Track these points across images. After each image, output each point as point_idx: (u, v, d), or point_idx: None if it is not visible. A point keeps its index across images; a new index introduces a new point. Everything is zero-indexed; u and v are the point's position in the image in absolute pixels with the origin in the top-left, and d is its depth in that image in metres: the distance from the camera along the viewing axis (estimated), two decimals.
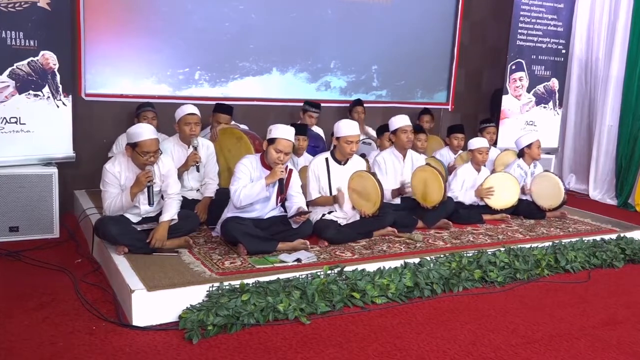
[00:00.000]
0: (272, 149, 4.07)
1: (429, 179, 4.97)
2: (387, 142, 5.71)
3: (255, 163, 4.19)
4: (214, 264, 3.83)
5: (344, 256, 4.18)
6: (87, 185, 5.65)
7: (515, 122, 7.54)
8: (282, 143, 4.06)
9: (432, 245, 4.61)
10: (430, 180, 4.97)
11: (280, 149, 4.06)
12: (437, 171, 4.96)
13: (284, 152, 4.07)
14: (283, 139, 4.06)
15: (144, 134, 3.89)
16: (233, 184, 4.11)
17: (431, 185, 4.96)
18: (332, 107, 6.83)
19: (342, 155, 4.61)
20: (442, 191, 4.89)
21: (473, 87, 8.02)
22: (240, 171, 4.14)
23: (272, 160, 4.11)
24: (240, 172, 4.13)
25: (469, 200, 5.50)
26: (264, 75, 6.56)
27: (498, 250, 4.50)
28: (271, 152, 4.08)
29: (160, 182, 4.08)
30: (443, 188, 4.89)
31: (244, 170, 4.14)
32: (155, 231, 3.95)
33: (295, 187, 4.31)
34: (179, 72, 6.15)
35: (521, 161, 5.89)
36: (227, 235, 4.16)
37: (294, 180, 4.29)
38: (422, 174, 5.03)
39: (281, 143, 4.06)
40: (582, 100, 8.15)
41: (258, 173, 4.18)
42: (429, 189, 4.99)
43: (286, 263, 3.90)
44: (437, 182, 4.91)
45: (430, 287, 3.93)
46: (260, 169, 4.19)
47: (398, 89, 7.50)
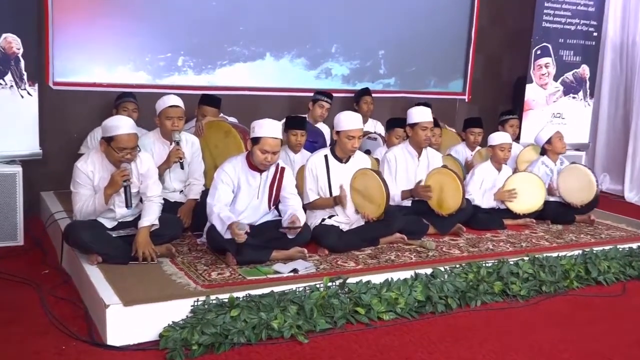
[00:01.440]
0: (258, 150, 4.07)
1: (446, 184, 4.97)
2: (396, 139, 5.72)
3: (240, 165, 4.18)
4: (199, 275, 3.83)
5: (346, 266, 4.18)
6: (55, 186, 5.66)
7: (541, 115, 7.55)
8: (268, 142, 4.04)
9: (447, 254, 4.61)
10: (447, 184, 4.97)
11: (267, 149, 4.05)
12: (456, 175, 4.97)
13: (270, 152, 4.07)
14: (268, 137, 4.05)
15: (120, 128, 3.89)
16: (212, 195, 4.10)
17: (448, 191, 4.97)
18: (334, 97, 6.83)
19: (343, 152, 4.62)
20: (459, 197, 4.90)
21: (493, 75, 8.03)
22: (221, 181, 4.11)
23: (259, 162, 4.11)
24: (221, 182, 4.11)
25: (488, 204, 5.52)
26: (256, 62, 6.57)
27: (521, 259, 4.50)
28: (257, 154, 4.08)
29: (138, 183, 4.08)
30: (461, 194, 4.89)
31: (225, 179, 4.12)
32: (136, 239, 3.96)
33: (290, 187, 4.31)
34: (160, 58, 6.15)
35: (546, 158, 5.90)
36: (214, 243, 4.15)
37: (287, 180, 4.29)
38: (438, 177, 5.04)
39: (267, 143, 4.04)
40: (617, 89, 8.17)
41: (245, 177, 4.18)
42: (445, 195, 4.99)
43: (281, 274, 3.91)
44: (455, 188, 4.92)
45: (445, 302, 3.93)
46: (247, 172, 4.18)
47: (408, 77, 7.50)
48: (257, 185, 4.21)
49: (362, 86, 6.93)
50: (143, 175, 4.10)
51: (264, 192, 4.24)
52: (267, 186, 4.23)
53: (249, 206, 4.22)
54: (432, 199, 5.04)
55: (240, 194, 4.18)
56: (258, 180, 4.21)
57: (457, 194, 4.91)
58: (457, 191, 4.91)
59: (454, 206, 4.95)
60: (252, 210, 4.25)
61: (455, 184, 4.92)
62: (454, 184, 4.92)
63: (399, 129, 5.66)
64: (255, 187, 4.21)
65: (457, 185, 4.91)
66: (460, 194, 4.89)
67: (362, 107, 6.66)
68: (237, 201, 4.18)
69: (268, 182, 4.23)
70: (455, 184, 4.92)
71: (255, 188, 4.21)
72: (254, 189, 4.21)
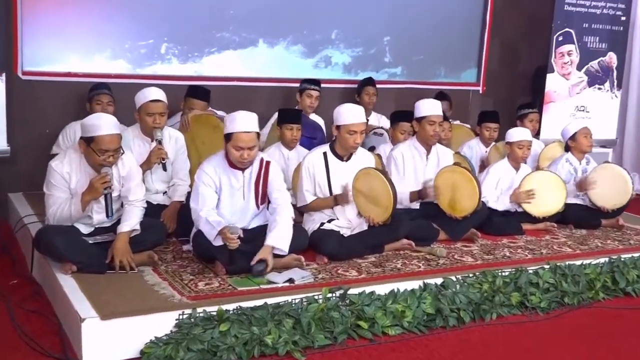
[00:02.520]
0: (231, 148, 4.05)
1: (460, 183, 4.97)
2: (401, 134, 5.72)
3: (221, 165, 4.16)
4: (184, 285, 3.82)
5: (347, 275, 4.18)
6: (25, 187, 5.65)
7: (563, 108, 7.56)
8: (241, 138, 4.01)
9: (459, 261, 4.61)
10: (461, 184, 4.96)
11: (241, 146, 4.03)
12: (470, 173, 4.96)
13: (246, 149, 4.04)
14: (241, 132, 4.01)
15: (102, 127, 3.88)
16: (195, 199, 4.09)
17: (462, 191, 4.96)
18: (333, 88, 6.84)
19: (344, 148, 4.61)
20: (476, 198, 4.89)
21: (509, 63, 8.03)
22: (202, 183, 4.10)
23: (236, 161, 4.10)
24: (203, 184, 4.09)
25: (504, 206, 5.52)
26: (247, 49, 6.57)
27: (541, 268, 4.51)
28: (231, 152, 4.07)
29: (119, 186, 4.08)
30: (477, 194, 4.89)
31: (206, 180, 4.10)
32: (114, 246, 3.95)
33: (276, 183, 4.27)
34: (141, 45, 6.14)
35: (570, 155, 5.91)
36: (201, 250, 4.15)
37: (273, 175, 4.26)
38: (450, 176, 5.02)
39: (239, 138, 4.01)
40: None
41: (226, 177, 4.17)
42: (458, 195, 4.98)
43: (275, 284, 3.90)
44: (470, 187, 4.91)
45: (457, 315, 3.93)
46: (228, 171, 4.16)
47: (416, 66, 7.50)
48: (240, 185, 4.20)
49: (364, 76, 6.93)
50: (125, 178, 4.09)
51: (250, 192, 4.23)
52: (252, 184, 4.22)
53: (236, 210, 4.21)
54: (444, 200, 5.03)
55: (224, 195, 4.17)
56: (241, 179, 4.19)
57: (473, 194, 4.90)
58: (473, 191, 4.89)
59: (470, 207, 4.94)
60: (240, 213, 4.24)
61: (471, 184, 4.90)
62: (469, 184, 4.91)
63: (405, 123, 5.67)
64: (239, 188, 4.20)
65: (473, 185, 4.89)
66: (476, 194, 4.88)
67: (363, 98, 6.65)
68: (221, 205, 4.18)
69: (252, 179, 4.22)
70: (471, 184, 4.90)
71: (240, 188, 4.20)
72: (237, 189, 4.20)
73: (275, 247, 4.04)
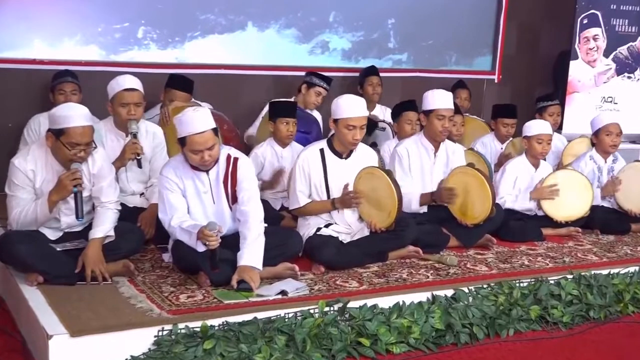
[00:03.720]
0: (188, 152, 4.03)
1: (472, 186, 4.97)
2: (408, 125, 5.72)
3: (181, 168, 4.13)
4: (164, 298, 3.82)
5: (347, 287, 4.18)
6: None
7: (588, 99, 7.58)
8: (195, 141, 3.98)
9: (472, 271, 4.62)
10: (473, 187, 4.97)
11: (197, 149, 4.00)
12: (484, 176, 4.97)
13: (205, 149, 4.00)
14: (193, 135, 3.96)
15: (74, 119, 3.88)
16: (162, 209, 4.08)
17: (474, 195, 4.96)
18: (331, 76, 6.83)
19: (343, 145, 4.62)
20: (489, 203, 4.90)
21: (528, 49, 8.04)
22: (165, 189, 4.08)
23: (198, 164, 4.07)
24: (167, 190, 4.08)
25: (522, 206, 5.53)
26: (235, 33, 6.57)
27: (564, 278, 4.52)
28: (190, 156, 4.05)
29: (90, 185, 4.08)
30: (491, 199, 4.89)
31: (170, 186, 4.09)
32: (85, 254, 3.94)
33: (245, 182, 4.19)
34: (115, 29, 6.14)
35: (595, 152, 5.93)
36: (181, 261, 4.15)
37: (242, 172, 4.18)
38: (462, 178, 5.03)
39: (194, 142, 3.98)
40: None
41: (190, 180, 4.14)
42: (470, 200, 4.99)
43: (266, 297, 3.90)
44: (483, 191, 4.92)
45: (469, 331, 3.93)
46: (190, 174, 4.14)
47: (424, 52, 7.51)
48: (207, 188, 4.18)
49: (367, 64, 6.95)
50: (96, 176, 4.09)
51: (219, 193, 4.20)
52: (221, 185, 4.20)
53: (210, 215, 4.17)
54: (455, 205, 5.04)
55: (191, 202, 4.16)
56: (207, 181, 4.18)
57: (485, 199, 4.90)
58: (486, 197, 4.89)
59: (482, 214, 4.95)
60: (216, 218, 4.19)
61: (484, 188, 4.90)
62: (482, 188, 4.92)
63: (411, 112, 5.67)
64: (206, 190, 4.18)
65: (486, 190, 4.89)
66: (489, 200, 4.88)
67: (366, 90, 6.66)
68: (191, 212, 4.16)
69: (220, 179, 4.19)
70: (484, 188, 4.90)
71: (207, 191, 4.18)
72: (205, 192, 4.18)
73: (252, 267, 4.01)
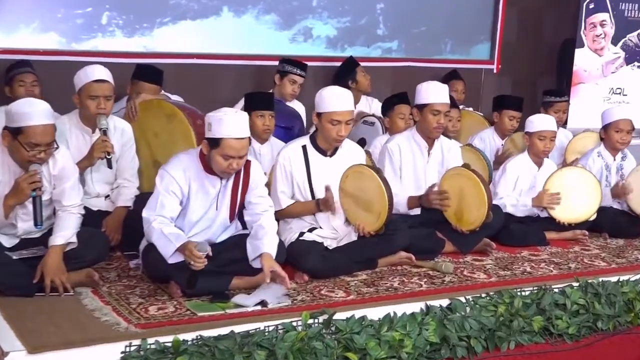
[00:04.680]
0: (218, 156, 4.00)
1: (466, 189, 4.98)
2: (400, 119, 5.73)
3: (193, 168, 4.11)
4: (132, 310, 3.81)
5: (333, 297, 4.19)
6: None
7: (595, 90, 7.61)
8: (232, 146, 3.96)
9: (469, 279, 4.64)
10: (467, 190, 4.97)
11: (231, 154, 3.99)
12: (479, 178, 4.98)
13: (236, 157, 4.01)
14: (232, 139, 3.96)
15: (34, 116, 3.88)
16: (150, 207, 4.06)
17: (469, 199, 4.97)
18: (314, 67, 6.83)
19: (327, 141, 4.62)
20: (484, 209, 4.90)
21: (530, 36, 8.07)
22: (164, 191, 4.05)
23: (221, 170, 4.06)
24: (165, 192, 4.05)
25: (525, 211, 5.55)
26: (209, 19, 6.55)
27: (569, 285, 4.53)
28: (217, 160, 4.01)
29: (50, 187, 4.07)
30: (486, 205, 4.89)
31: (172, 188, 4.05)
32: (44, 263, 3.93)
33: (259, 189, 4.29)
34: (77, 14, 6.11)
35: (603, 148, 5.97)
36: (153, 268, 4.15)
37: (255, 178, 4.26)
38: (457, 181, 5.03)
39: (230, 146, 3.96)
40: None
41: (200, 183, 4.13)
42: (465, 204, 5.00)
43: (244, 308, 3.91)
44: (477, 194, 4.92)
45: (466, 344, 3.95)
46: (203, 177, 4.13)
47: (416, 40, 7.52)
48: (215, 193, 4.19)
49: (353, 52, 6.95)
50: (57, 178, 4.08)
51: (224, 201, 4.23)
52: (229, 192, 4.22)
53: (202, 217, 4.21)
54: (449, 209, 5.05)
55: (192, 205, 4.16)
56: (218, 186, 4.18)
57: (480, 204, 4.90)
58: (481, 201, 4.89)
59: (477, 220, 4.95)
60: (206, 223, 4.23)
61: (479, 192, 4.90)
62: (477, 192, 4.92)
63: (404, 105, 5.69)
64: (213, 196, 4.19)
65: (481, 194, 4.90)
66: (485, 205, 4.88)
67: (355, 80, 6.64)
68: (186, 215, 4.17)
69: (229, 186, 4.21)
70: (479, 191, 4.90)
71: (214, 197, 4.19)
72: (211, 198, 4.19)
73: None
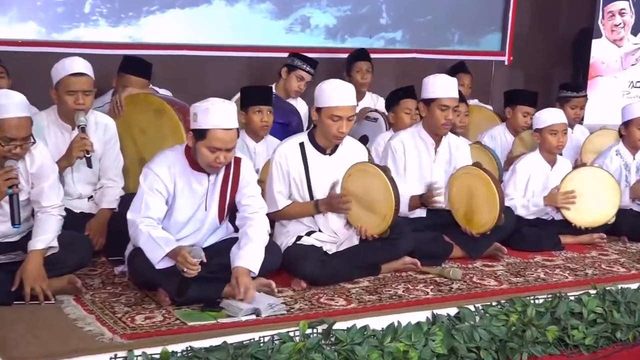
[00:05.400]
0: (204, 148, 4.01)
1: (477, 188, 4.99)
2: (407, 117, 5.72)
3: (178, 165, 4.13)
4: (117, 320, 3.81)
5: (333, 305, 4.19)
6: None
7: (613, 83, 7.59)
8: (219, 137, 3.97)
9: (478, 286, 4.65)
10: (477, 189, 4.99)
11: (218, 146, 4.00)
12: (490, 177, 4.99)
13: (224, 150, 4.02)
14: (219, 129, 3.98)
15: (9, 108, 3.88)
16: (135, 209, 4.07)
17: (479, 199, 4.98)
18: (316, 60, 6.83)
19: (327, 138, 4.62)
20: (496, 209, 4.91)
21: (544, 26, 8.06)
22: (148, 189, 4.06)
23: (207, 164, 4.07)
24: (149, 191, 4.05)
25: (537, 212, 5.56)
26: (199, 7, 6.56)
27: (586, 293, 4.53)
28: (202, 153, 4.02)
29: (28, 187, 4.06)
30: (498, 206, 4.90)
31: (157, 186, 4.06)
32: (23, 269, 3.92)
33: (250, 187, 4.28)
34: (57, 2, 6.11)
35: (622, 146, 5.97)
36: (139, 274, 4.14)
37: (246, 177, 4.26)
38: (466, 180, 5.05)
39: (217, 137, 3.97)
40: None
41: (185, 181, 4.14)
42: (475, 204, 5.01)
43: (237, 318, 3.91)
44: (488, 194, 4.94)
45: (476, 355, 3.95)
46: (188, 174, 4.14)
47: (421, 30, 7.52)
48: (203, 192, 4.19)
49: (354, 43, 6.95)
50: (35, 176, 4.08)
51: (213, 200, 4.23)
52: (218, 191, 4.22)
53: (191, 219, 4.21)
54: (459, 211, 5.06)
55: (178, 205, 4.16)
56: (205, 185, 4.19)
57: (492, 206, 4.91)
58: (493, 203, 4.91)
59: (489, 222, 4.96)
60: (195, 225, 4.23)
61: (490, 192, 4.92)
62: (488, 192, 4.93)
63: (409, 99, 5.69)
64: (201, 195, 4.19)
65: (493, 193, 4.92)
66: (496, 207, 4.89)
67: (355, 76, 6.65)
68: (173, 216, 4.17)
69: (218, 184, 4.22)
70: (490, 190, 4.93)
71: (202, 196, 4.19)
72: (199, 196, 4.19)
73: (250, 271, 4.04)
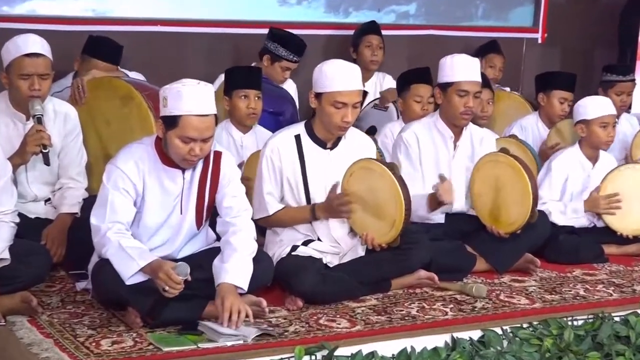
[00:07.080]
0: (176, 139, 4.02)
1: (506, 180, 5.00)
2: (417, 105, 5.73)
3: (147, 160, 4.14)
4: (79, 345, 3.81)
5: (334, 328, 4.19)
6: None
7: None
8: (193, 125, 3.98)
9: (506, 305, 4.66)
10: (506, 181, 5.00)
11: (192, 136, 4.00)
12: (522, 164, 4.99)
13: (199, 140, 4.02)
14: (193, 116, 3.98)
15: None
16: (98, 214, 4.07)
17: (509, 191, 5.00)
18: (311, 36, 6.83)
19: (328, 130, 4.63)
20: (528, 202, 4.92)
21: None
22: (113, 189, 4.07)
23: (180, 157, 4.07)
24: (115, 190, 4.06)
25: (576, 220, 5.56)
26: None
27: (633, 313, 4.56)
28: (174, 144, 4.03)
29: None
30: (531, 196, 4.92)
31: (122, 184, 4.07)
32: None
33: (232, 186, 4.28)
34: None
35: None
36: (105, 291, 4.15)
37: (227, 174, 4.27)
38: (491, 170, 5.07)
39: (190, 125, 3.98)
40: None
41: (156, 179, 4.15)
42: (502, 199, 5.02)
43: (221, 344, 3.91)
44: (521, 185, 4.94)
45: None
46: (159, 170, 4.16)
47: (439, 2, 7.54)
48: (178, 192, 4.21)
49: (360, 17, 6.97)
50: None
51: (189, 202, 4.24)
52: (195, 190, 4.23)
53: (163, 224, 4.22)
54: (483, 207, 5.07)
55: (149, 208, 4.18)
56: (180, 183, 4.20)
57: (525, 197, 4.91)
58: (525, 193, 4.91)
59: (519, 219, 4.96)
60: (169, 231, 4.23)
61: (521, 180, 4.93)
62: (519, 180, 4.94)
63: (423, 85, 5.70)
64: (175, 195, 4.21)
65: (524, 182, 4.92)
66: (529, 197, 4.90)
67: (363, 53, 6.67)
68: (142, 221, 4.19)
69: (195, 182, 4.23)
70: (521, 179, 4.93)
71: (176, 196, 4.21)
72: (172, 197, 4.20)
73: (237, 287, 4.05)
